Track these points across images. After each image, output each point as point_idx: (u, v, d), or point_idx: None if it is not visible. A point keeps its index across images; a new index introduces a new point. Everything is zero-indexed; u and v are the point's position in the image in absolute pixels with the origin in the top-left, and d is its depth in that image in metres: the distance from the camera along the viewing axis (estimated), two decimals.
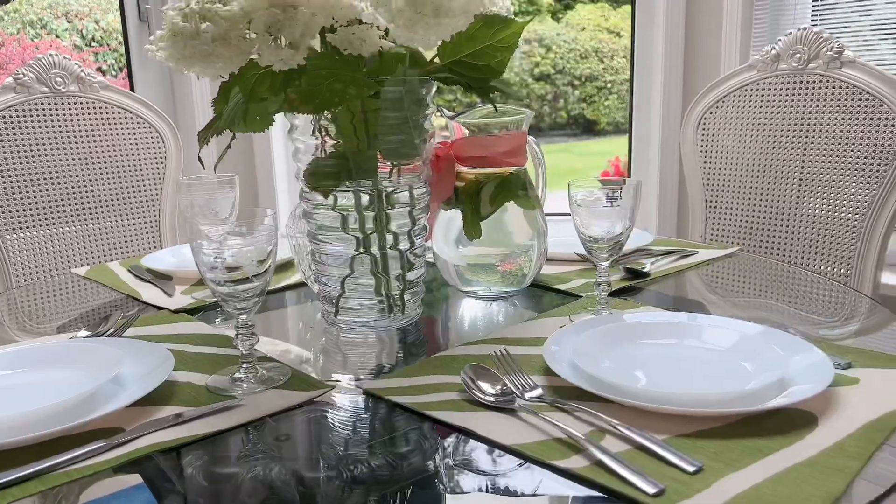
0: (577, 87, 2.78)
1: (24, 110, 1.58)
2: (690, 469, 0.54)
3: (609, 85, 2.67)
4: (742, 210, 1.61)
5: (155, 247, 1.73)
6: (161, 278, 1.15)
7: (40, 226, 1.59)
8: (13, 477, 0.56)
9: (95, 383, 0.69)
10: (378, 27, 0.73)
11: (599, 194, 0.86)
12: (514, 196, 0.99)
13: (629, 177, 2.34)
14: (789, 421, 0.61)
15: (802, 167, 1.52)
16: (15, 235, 1.55)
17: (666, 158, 2.19)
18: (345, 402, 0.71)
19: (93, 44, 2.79)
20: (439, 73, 0.83)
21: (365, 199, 0.85)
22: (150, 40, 0.69)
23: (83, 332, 0.88)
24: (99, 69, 2.77)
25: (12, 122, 1.57)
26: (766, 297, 1.03)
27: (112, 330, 0.88)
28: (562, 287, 1.04)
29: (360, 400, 0.71)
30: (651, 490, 0.52)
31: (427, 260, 1.04)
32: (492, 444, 0.60)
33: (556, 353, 0.73)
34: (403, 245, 0.88)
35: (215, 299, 0.70)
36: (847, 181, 1.45)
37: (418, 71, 0.82)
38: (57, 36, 2.76)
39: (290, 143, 0.87)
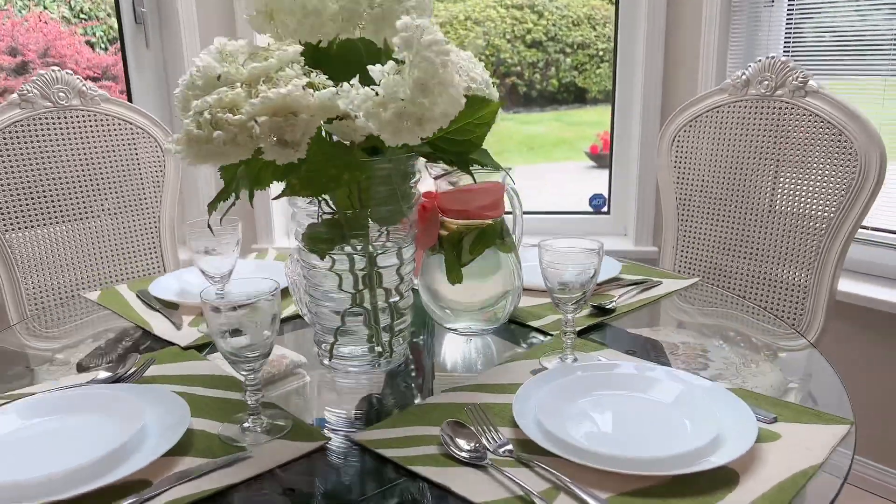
0: (568, 54, 2.80)
1: (29, 125, 1.66)
2: None
3: (601, 53, 2.71)
4: (711, 227, 1.72)
5: (154, 251, 1.83)
6: (168, 307, 1.25)
7: (45, 225, 1.68)
8: None
9: (122, 437, 0.79)
10: None
11: (568, 253, 0.97)
12: (492, 244, 1.09)
13: (610, 150, 2.43)
14: (715, 479, 0.73)
15: (768, 188, 1.63)
16: (20, 234, 1.64)
17: (645, 165, 2.29)
18: (339, 450, 0.82)
19: (81, 16, 2.80)
20: (423, 148, 0.92)
21: (357, 260, 0.94)
22: (169, 140, 0.78)
23: (103, 374, 0.98)
24: (88, 42, 2.79)
25: (19, 138, 1.64)
26: (713, 333, 1.14)
27: (132, 370, 0.99)
28: (535, 324, 1.15)
29: (353, 449, 0.82)
30: None
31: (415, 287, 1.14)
32: (465, 502, 0.72)
33: (522, 408, 0.84)
34: (393, 298, 0.98)
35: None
36: (810, 202, 1.56)
37: (404, 149, 0.91)
38: (45, 8, 2.77)
39: (288, 206, 0.97)
